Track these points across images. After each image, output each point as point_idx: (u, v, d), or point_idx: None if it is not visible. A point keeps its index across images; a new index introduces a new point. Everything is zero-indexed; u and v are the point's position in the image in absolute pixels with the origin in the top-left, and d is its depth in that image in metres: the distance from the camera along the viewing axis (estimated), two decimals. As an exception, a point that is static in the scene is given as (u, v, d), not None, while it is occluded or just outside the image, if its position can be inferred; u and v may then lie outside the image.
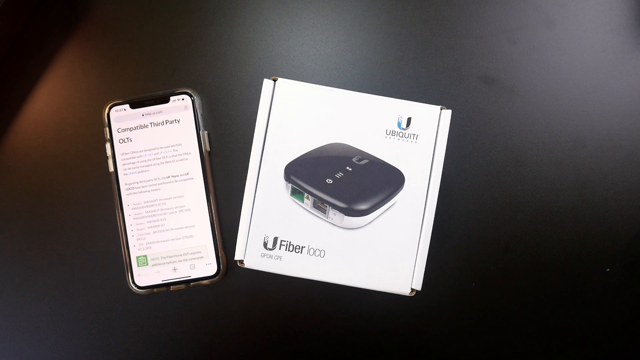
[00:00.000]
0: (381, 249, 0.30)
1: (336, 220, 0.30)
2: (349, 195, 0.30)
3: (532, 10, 0.39)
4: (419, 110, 0.31)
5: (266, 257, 0.30)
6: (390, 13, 0.40)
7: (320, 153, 0.31)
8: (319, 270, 0.30)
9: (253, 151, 0.31)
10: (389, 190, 0.30)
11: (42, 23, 0.40)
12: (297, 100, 0.31)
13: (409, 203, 0.30)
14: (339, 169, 0.31)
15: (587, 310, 0.38)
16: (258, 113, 0.31)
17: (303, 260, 0.30)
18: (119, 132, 0.38)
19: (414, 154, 0.31)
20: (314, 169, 0.31)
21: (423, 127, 0.31)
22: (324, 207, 0.30)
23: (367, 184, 0.30)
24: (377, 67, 0.39)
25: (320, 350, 0.38)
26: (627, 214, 0.38)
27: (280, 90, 0.31)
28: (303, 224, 0.30)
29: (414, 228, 0.30)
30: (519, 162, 0.38)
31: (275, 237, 0.30)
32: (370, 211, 0.30)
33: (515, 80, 0.39)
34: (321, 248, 0.30)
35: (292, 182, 0.30)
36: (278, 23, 0.40)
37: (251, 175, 0.31)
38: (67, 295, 0.39)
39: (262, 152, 0.31)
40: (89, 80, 0.40)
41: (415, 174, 0.31)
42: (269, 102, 0.31)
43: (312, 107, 0.31)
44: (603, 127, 0.38)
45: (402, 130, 0.31)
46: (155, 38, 0.40)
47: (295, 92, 0.31)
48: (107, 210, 0.39)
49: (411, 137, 0.31)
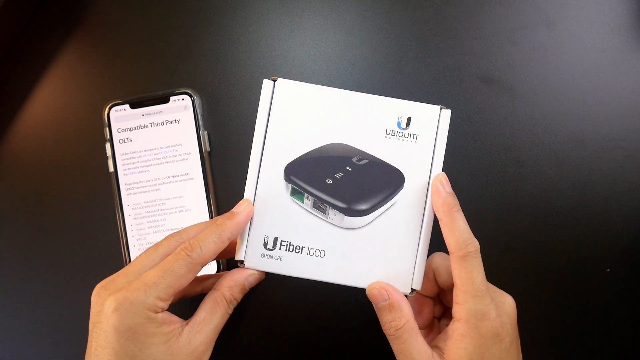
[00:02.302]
0: (381, 248, 0.30)
1: (336, 220, 0.30)
2: (349, 196, 0.30)
3: (532, 10, 0.39)
4: (418, 110, 0.31)
5: (266, 258, 0.30)
6: (390, 13, 0.39)
7: (320, 153, 0.31)
8: (319, 271, 0.30)
9: (253, 151, 0.31)
10: (389, 190, 0.30)
11: (42, 23, 0.40)
12: (296, 100, 0.31)
13: (409, 203, 0.30)
14: (339, 169, 0.31)
15: (587, 310, 0.38)
16: (258, 113, 0.31)
17: (303, 260, 0.30)
18: (119, 132, 0.38)
19: (414, 153, 0.31)
20: (313, 169, 0.31)
21: (423, 126, 0.31)
22: (324, 207, 0.30)
23: (367, 184, 0.30)
24: (377, 67, 0.39)
25: (320, 351, 0.38)
26: (627, 214, 0.38)
27: (279, 90, 0.31)
28: (303, 224, 0.30)
29: (414, 228, 0.30)
30: (519, 162, 0.38)
31: (276, 238, 0.30)
32: (370, 211, 0.30)
33: (515, 80, 0.39)
34: (321, 248, 0.30)
35: (292, 182, 0.30)
36: (278, 23, 0.40)
37: (251, 176, 0.31)
38: (67, 295, 0.39)
39: (262, 153, 0.31)
40: (89, 80, 0.40)
41: (415, 173, 0.31)
42: (268, 102, 0.31)
43: (312, 107, 0.31)
44: (603, 127, 0.38)
45: (402, 130, 0.31)
46: (155, 38, 0.40)
47: (295, 92, 0.31)
48: (107, 210, 0.39)
49: (411, 136, 0.31)
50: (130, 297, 0.26)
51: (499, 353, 0.28)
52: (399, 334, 0.28)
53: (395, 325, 0.28)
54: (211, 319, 0.30)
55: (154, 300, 0.27)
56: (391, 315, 0.29)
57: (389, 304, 0.29)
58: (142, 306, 0.26)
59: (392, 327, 0.28)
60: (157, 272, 0.27)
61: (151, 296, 0.27)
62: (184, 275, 0.28)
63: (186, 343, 0.28)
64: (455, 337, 0.28)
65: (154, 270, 0.27)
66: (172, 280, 0.27)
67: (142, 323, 0.26)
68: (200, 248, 0.28)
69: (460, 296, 0.28)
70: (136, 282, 0.27)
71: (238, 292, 0.32)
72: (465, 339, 0.27)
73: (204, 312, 0.30)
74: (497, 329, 0.28)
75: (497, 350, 0.28)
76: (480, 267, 0.28)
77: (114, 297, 0.26)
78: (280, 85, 0.31)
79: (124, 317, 0.26)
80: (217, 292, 0.31)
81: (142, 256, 0.29)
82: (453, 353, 0.28)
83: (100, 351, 0.26)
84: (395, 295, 0.29)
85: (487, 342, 0.27)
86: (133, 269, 0.28)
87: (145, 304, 0.26)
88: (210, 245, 0.28)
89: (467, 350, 0.27)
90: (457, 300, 0.28)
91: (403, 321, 0.28)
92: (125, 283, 0.27)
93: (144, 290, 0.26)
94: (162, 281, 0.27)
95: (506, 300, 0.30)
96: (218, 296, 0.31)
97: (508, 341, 0.28)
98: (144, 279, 0.27)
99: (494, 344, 0.28)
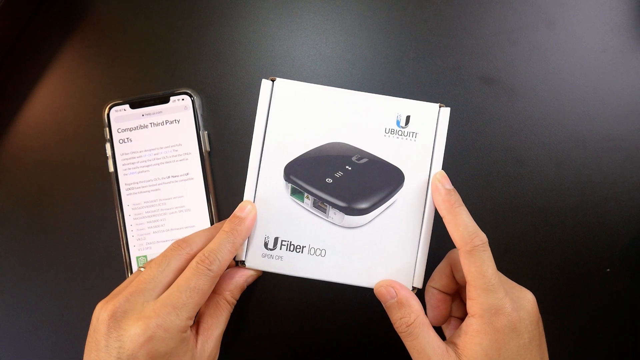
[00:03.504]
0: (382, 247, 0.30)
1: (336, 219, 0.30)
2: (349, 194, 0.30)
3: (532, 10, 0.39)
4: (417, 108, 0.31)
5: (267, 257, 0.30)
6: (390, 13, 0.39)
7: (319, 152, 0.31)
8: (320, 270, 0.30)
9: (252, 151, 0.31)
10: (389, 188, 0.30)
11: (42, 23, 0.40)
12: (295, 100, 0.31)
13: (409, 201, 0.30)
14: (339, 168, 0.31)
15: (587, 310, 0.38)
16: (257, 113, 0.31)
17: (304, 260, 0.30)
18: (119, 132, 0.38)
19: (414, 152, 0.31)
20: (313, 169, 0.31)
21: (422, 125, 0.31)
22: (324, 206, 0.30)
23: (366, 183, 0.30)
24: (377, 67, 0.39)
25: (320, 351, 0.38)
26: (627, 214, 0.38)
27: (278, 90, 0.31)
28: (303, 224, 0.30)
29: (414, 226, 0.30)
30: (519, 162, 0.38)
31: (276, 238, 0.30)
32: (371, 210, 0.30)
33: (515, 80, 0.39)
34: (322, 247, 0.30)
35: (291, 182, 0.30)
36: (278, 23, 0.40)
37: (251, 175, 0.31)
38: (67, 295, 0.39)
39: (261, 152, 0.31)
40: (89, 80, 0.40)
41: (415, 171, 0.31)
42: (267, 102, 0.31)
43: (311, 107, 0.31)
44: (603, 127, 0.38)
45: (401, 128, 0.31)
46: (155, 38, 0.40)
47: (294, 92, 0.31)
48: (107, 210, 0.39)
49: (410, 135, 0.31)
50: (164, 325, 0.26)
51: (517, 349, 0.27)
52: (410, 329, 0.28)
53: (406, 322, 0.28)
54: (217, 324, 0.30)
55: (186, 321, 0.27)
56: (401, 312, 0.28)
57: (398, 301, 0.29)
58: (177, 330, 0.26)
59: (403, 323, 0.28)
60: (184, 292, 0.27)
61: (183, 318, 0.27)
62: (208, 291, 0.28)
63: (202, 351, 0.29)
64: (470, 332, 0.27)
65: (177, 290, 0.27)
66: (199, 299, 0.27)
67: (177, 346, 0.27)
68: (219, 260, 0.28)
69: (472, 292, 0.27)
70: (164, 307, 0.26)
71: (238, 294, 0.32)
72: (480, 334, 0.27)
73: (210, 319, 0.30)
74: (513, 323, 0.27)
75: (515, 345, 0.27)
76: (490, 260, 0.28)
77: (145, 325, 0.26)
78: (278, 85, 0.31)
79: (159, 345, 0.26)
80: (219, 297, 0.31)
81: (154, 270, 0.28)
82: (468, 349, 0.27)
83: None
84: (402, 292, 0.29)
85: (503, 337, 0.26)
86: (148, 286, 0.27)
87: (180, 327, 0.27)
88: (226, 255, 0.28)
89: (482, 345, 0.27)
90: (470, 295, 0.27)
91: (413, 317, 0.28)
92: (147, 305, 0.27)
93: (176, 315, 0.26)
94: (190, 301, 0.27)
95: (525, 295, 0.29)
96: (221, 300, 0.31)
97: (527, 337, 0.27)
98: (171, 302, 0.27)
99: (510, 339, 0.27)
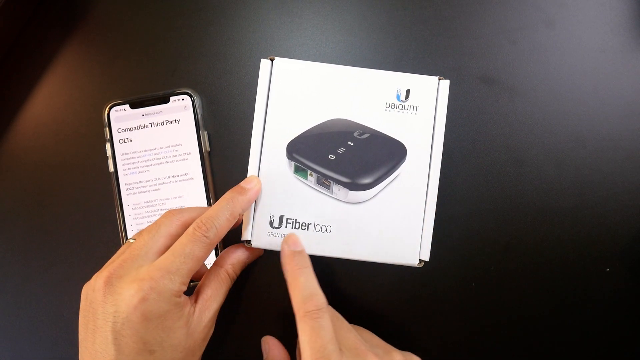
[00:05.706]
0: (387, 221, 0.30)
1: (341, 195, 0.30)
2: (352, 170, 0.30)
3: (532, 10, 0.39)
4: (417, 81, 0.31)
5: (273, 236, 0.30)
6: (390, 13, 0.39)
7: (321, 129, 0.31)
8: (326, 246, 0.30)
9: (254, 131, 0.31)
10: (392, 162, 0.30)
11: (42, 23, 0.40)
12: (295, 78, 0.31)
13: (413, 174, 0.30)
14: (341, 145, 0.31)
15: (587, 310, 0.38)
16: (257, 93, 0.31)
17: (310, 237, 0.30)
18: (119, 132, 0.38)
19: (415, 125, 0.31)
20: (316, 146, 0.31)
21: (422, 98, 0.31)
22: (328, 183, 0.30)
23: (369, 158, 0.30)
24: (377, 67, 0.39)
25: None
26: (627, 214, 0.38)
27: (277, 69, 0.31)
28: (308, 201, 0.30)
29: (419, 198, 0.30)
30: (519, 162, 0.38)
31: (281, 216, 0.30)
32: (374, 184, 0.30)
33: (515, 80, 0.39)
34: (327, 224, 0.30)
35: (294, 159, 0.30)
36: (278, 23, 0.40)
37: (254, 155, 0.31)
38: (67, 295, 0.39)
39: (263, 132, 0.31)
40: (89, 80, 0.40)
41: (417, 145, 0.31)
42: (267, 82, 0.31)
43: (311, 84, 0.31)
44: (603, 127, 0.38)
45: (402, 102, 0.31)
46: (155, 38, 0.40)
47: (293, 71, 0.31)
48: (107, 210, 0.39)
49: (411, 108, 0.31)
50: (157, 287, 0.26)
51: None
52: None
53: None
54: (217, 296, 0.30)
55: (180, 286, 0.27)
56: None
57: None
58: (170, 294, 0.26)
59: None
60: (178, 257, 0.27)
61: (177, 283, 0.26)
62: (203, 257, 0.28)
63: (199, 321, 0.28)
64: None
65: (172, 255, 0.27)
66: (194, 265, 0.27)
67: (170, 310, 0.26)
68: (215, 227, 0.28)
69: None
70: (157, 271, 0.26)
71: (239, 269, 0.31)
72: None
73: (210, 290, 0.30)
74: None
75: None
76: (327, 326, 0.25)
77: (139, 287, 0.26)
78: (278, 64, 0.31)
79: (153, 307, 0.26)
80: (221, 269, 0.30)
81: (145, 237, 0.28)
82: None
83: (122, 340, 0.26)
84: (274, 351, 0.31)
85: None
86: (140, 252, 0.27)
87: (173, 292, 0.26)
88: (223, 223, 0.28)
89: None
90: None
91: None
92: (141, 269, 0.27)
93: (169, 279, 0.26)
94: (184, 267, 0.27)
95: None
96: (222, 273, 0.30)
97: None
98: (165, 266, 0.26)
99: None
